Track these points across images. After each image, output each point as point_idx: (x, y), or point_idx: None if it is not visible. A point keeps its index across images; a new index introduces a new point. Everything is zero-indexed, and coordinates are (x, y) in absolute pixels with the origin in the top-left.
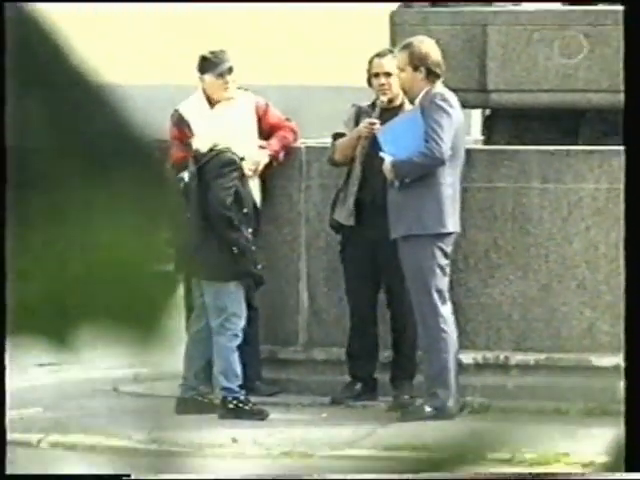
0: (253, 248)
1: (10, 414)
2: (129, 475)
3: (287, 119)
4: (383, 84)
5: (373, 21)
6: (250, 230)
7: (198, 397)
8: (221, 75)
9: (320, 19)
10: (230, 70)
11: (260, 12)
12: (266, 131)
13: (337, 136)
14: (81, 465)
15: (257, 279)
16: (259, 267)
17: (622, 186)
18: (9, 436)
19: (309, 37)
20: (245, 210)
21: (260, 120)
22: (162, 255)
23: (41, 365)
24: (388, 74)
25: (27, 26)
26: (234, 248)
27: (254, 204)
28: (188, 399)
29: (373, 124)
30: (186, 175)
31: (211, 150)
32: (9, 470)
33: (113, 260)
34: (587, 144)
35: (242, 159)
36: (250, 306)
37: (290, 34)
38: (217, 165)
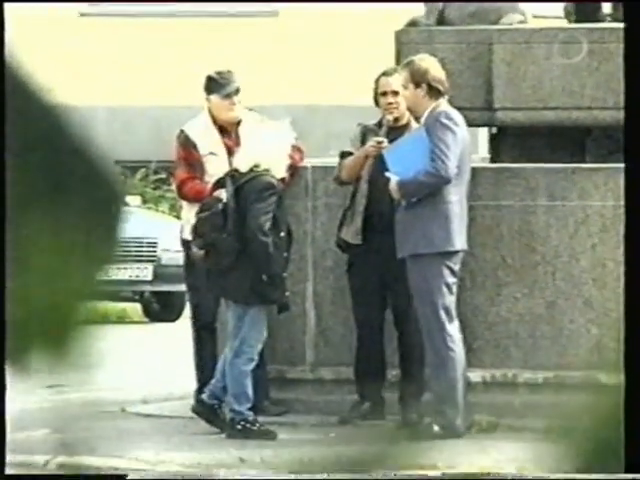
0: (284, 274)
1: (17, 436)
2: (125, 475)
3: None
4: (390, 103)
5: (379, 40)
6: (285, 255)
7: (218, 408)
8: (228, 96)
9: (326, 38)
10: (237, 91)
11: (266, 32)
12: None
13: (344, 155)
14: None
15: (282, 306)
16: (287, 294)
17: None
18: (16, 458)
19: (315, 56)
20: (282, 234)
21: None
22: (92, 290)
23: (49, 387)
24: (395, 93)
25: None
26: (264, 276)
27: (288, 227)
28: (208, 405)
29: (380, 143)
30: (224, 194)
31: (251, 170)
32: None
33: (48, 283)
34: (593, 162)
35: (281, 180)
36: None
37: (296, 53)
38: (257, 188)
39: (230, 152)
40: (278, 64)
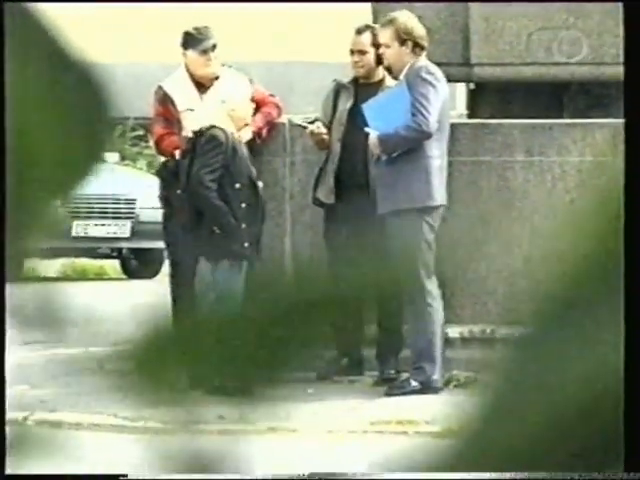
0: (243, 226)
1: None
2: (126, 475)
3: (271, 95)
4: (357, 61)
5: None
6: (243, 205)
7: None
8: (204, 52)
9: None
10: (214, 47)
11: None
12: None
13: (313, 122)
14: (67, 442)
15: (245, 258)
16: (245, 245)
17: (609, 159)
18: None
19: (293, 13)
20: (237, 185)
21: None
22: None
23: (27, 343)
24: (362, 52)
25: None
26: (215, 228)
27: (250, 179)
28: None
29: (305, 128)
30: (177, 153)
31: (201, 129)
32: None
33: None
34: (571, 117)
35: (232, 134)
36: None
37: (274, 10)
38: (200, 143)
39: None
40: (257, 20)
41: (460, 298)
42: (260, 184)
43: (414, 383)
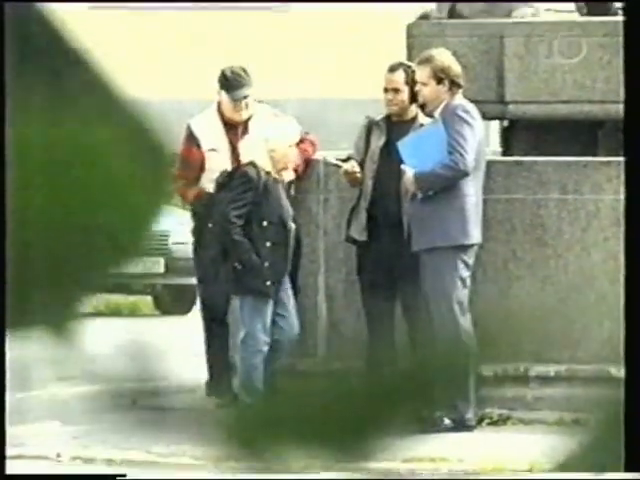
0: (266, 264)
1: (30, 428)
2: (124, 475)
3: (306, 132)
4: (390, 99)
5: (391, 33)
6: (268, 244)
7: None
8: (236, 100)
9: (339, 32)
10: (245, 97)
11: (280, 27)
12: None
13: (345, 161)
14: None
15: (266, 297)
16: (267, 284)
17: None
18: (28, 450)
19: (328, 50)
20: (264, 223)
21: None
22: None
23: (60, 379)
24: (395, 90)
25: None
26: (236, 264)
27: (281, 218)
28: (232, 394)
29: (339, 167)
30: (211, 186)
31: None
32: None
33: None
34: (606, 155)
35: (268, 173)
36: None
37: (309, 48)
38: (231, 179)
39: (233, 148)
40: (291, 58)
41: (493, 335)
42: (292, 225)
43: (447, 421)
